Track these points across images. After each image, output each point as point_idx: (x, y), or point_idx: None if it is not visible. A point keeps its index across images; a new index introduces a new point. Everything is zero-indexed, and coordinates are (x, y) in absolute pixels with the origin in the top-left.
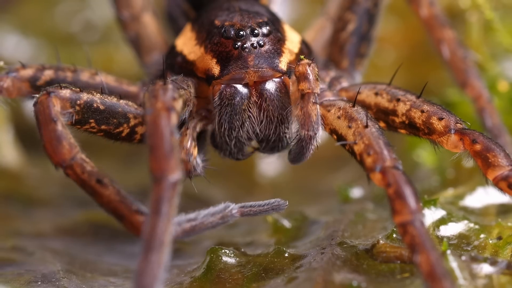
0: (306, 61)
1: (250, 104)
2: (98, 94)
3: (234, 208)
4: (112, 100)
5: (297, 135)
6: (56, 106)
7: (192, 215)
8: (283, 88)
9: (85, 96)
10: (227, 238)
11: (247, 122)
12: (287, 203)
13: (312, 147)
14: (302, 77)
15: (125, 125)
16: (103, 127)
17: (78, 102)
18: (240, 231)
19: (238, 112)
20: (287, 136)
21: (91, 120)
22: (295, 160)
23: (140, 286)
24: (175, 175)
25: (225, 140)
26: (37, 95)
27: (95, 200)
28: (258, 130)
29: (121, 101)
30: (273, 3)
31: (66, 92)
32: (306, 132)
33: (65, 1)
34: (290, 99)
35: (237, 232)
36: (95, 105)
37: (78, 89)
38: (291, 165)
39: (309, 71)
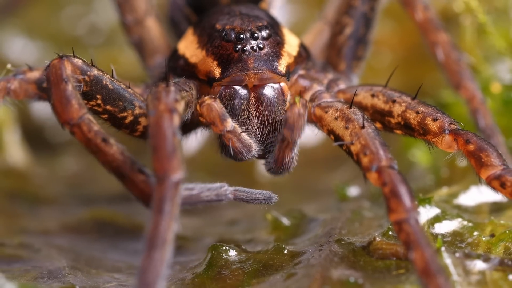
0: (297, 106)
1: (249, 105)
2: (109, 75)
3: (228, 189)
4: (121, 85)
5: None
6: (67, 69)
7: (190, 185)
8: (280, 91)
9: (95, 71)
10: (227, 236)
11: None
12: (278, 198)
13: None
14: (288, 126)
15: (129, 111)
16: (108, 107)
17: (89, 73)
18: (240, 229)
19: (237, 112)
20: None
21: (98, 96)
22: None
23: (144, 283)
24: (177, 174)
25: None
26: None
27: (98, 159)
28: (256, 131)
29: (129, 89)
30: (273, 7)
31: (78, 61)
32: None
33: (70, 5)
34: (287, 103)
35: (238, 229)
36: (104, 82)
37: (90, 63)
38: None
39: (295, 122)
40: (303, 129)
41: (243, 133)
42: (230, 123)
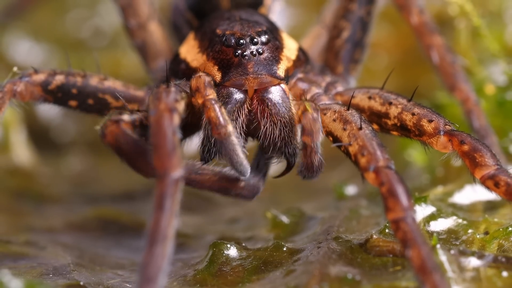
0: (309, 112)
1: (248, 109)
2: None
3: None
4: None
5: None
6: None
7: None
8: (282, 94)
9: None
10: (228, 233)
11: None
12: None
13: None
14: (307, 132)
15: None
16: None
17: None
18: (240, 227)
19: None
20: (292, 141)
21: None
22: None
23: (145, 277)
24: (178, 172)
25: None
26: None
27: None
28: (261, 133)
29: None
30: (272, 12)
31: (125, 117)
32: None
33: (75, 8)
34: (291, 103)
35: (238, 227)
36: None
37: (136, 117)
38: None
39: (311, 127)
40: (320, 131)
41: (224, 109)
42: (214, 95)
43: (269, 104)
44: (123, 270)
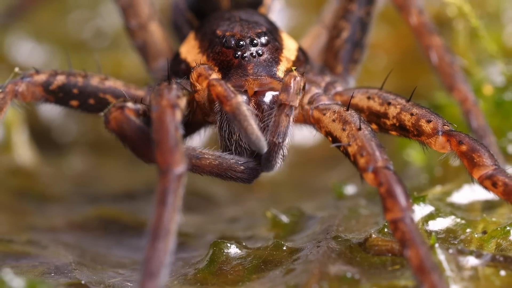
0: (294, 73)
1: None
2: None
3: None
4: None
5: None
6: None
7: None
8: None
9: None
10: (228, 233)
11: None
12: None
13: (279, 155)
14: (284, 88)
15: None
16: None
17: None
18: (241, 226)
19: None
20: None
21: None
22: (264, 167)
23: (148, 272)
24: (180, 167)
25: (226, 144)
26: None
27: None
28: None
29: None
30: (272, 12)
31: (129, 104)
32: (272, 139)
33: (77, 9)
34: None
35: (238, 226)
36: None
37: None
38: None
39: (292, 84)
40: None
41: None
42: (217, 75)
43: (265, 109)
44: (124, 269)
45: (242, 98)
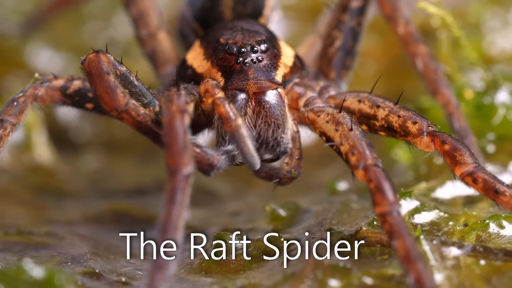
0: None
1: (248, 110)
2: (134, 75)
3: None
4: (144, 84)
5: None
6: (105, 62)
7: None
8: (278, 98)
9: (124, 68)
10: (231, 225)
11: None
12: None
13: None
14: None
15: (151, 108)
16: (134, 101)
17: (119, 68)
18: (242, 219)
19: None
20: (284, 140)
21: (126, 90)
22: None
23: (157, 265)
24: (188, 168)
25: (227, 144)
26: (84, 56)
27: (152, 139)
28: (255, 133)
29: (150, 90)
30: (271, 22)
31: (110, 56)
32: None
33: (91, 20)
34: (285, 107)
35: (240, 220)
36: (131, 78)
37: (119, 60)
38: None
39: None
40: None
41: (232, 105)
42: (222, 94)
43: (265, 106)
44: (135, 259)
45: (242, 121)
